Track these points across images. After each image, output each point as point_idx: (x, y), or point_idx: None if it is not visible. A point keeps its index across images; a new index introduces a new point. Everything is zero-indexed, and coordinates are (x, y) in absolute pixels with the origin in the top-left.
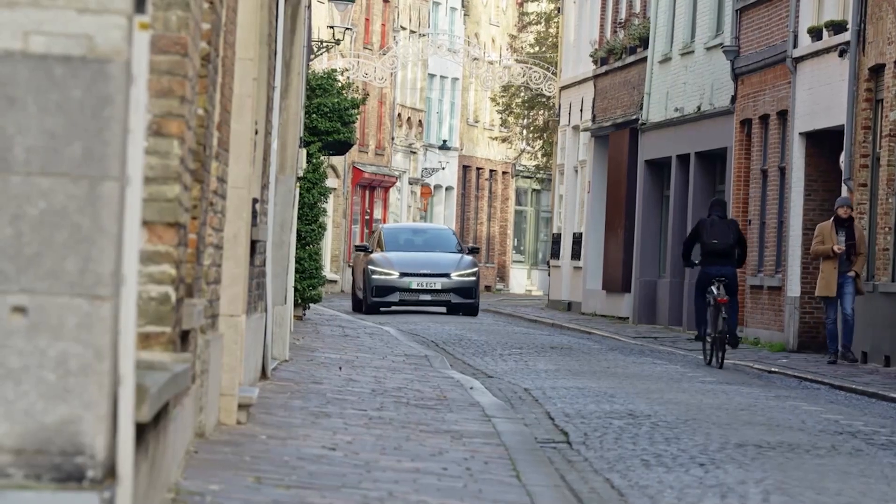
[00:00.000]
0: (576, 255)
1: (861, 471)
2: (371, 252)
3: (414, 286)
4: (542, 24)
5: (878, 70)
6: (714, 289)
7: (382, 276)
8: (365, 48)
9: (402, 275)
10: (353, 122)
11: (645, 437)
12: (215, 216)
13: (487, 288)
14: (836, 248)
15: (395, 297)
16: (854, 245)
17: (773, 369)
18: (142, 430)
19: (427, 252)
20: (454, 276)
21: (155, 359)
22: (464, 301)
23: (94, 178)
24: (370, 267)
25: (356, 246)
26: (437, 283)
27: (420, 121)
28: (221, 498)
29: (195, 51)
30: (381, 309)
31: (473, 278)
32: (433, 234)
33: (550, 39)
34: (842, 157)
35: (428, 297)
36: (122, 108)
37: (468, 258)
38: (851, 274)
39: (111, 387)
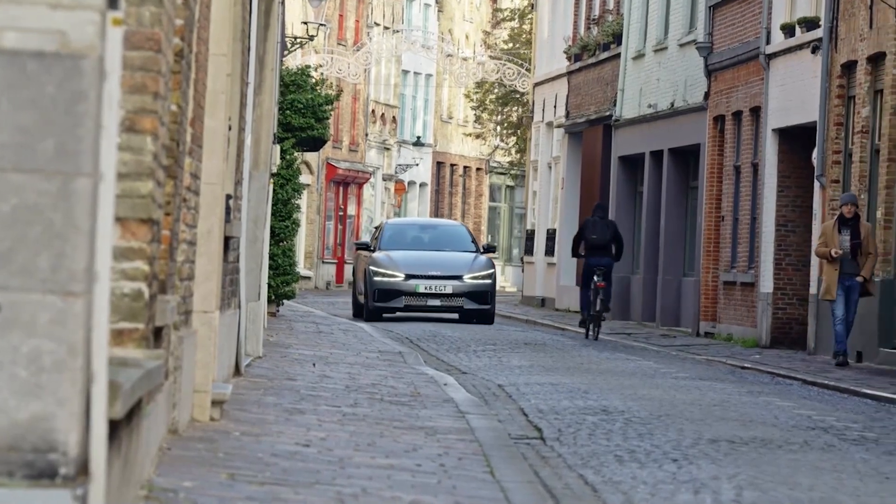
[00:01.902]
0: (550, 251)
1: (833, 466)
2: (373, 251)
3: (421, 290)
4: (516, 21)
5: (850, 67)
6: (595, 276)
7: (386, 279)
8: (339, 44)
9: (408, 277)
10: (327, 119)
11: (618, 433)
12: (189, 212)
13: None
14: (833, 252)
15: (399, 303)
16: (860, 245)
17: (746, 365)
18: (115, 427)
19: (436, 251)
20: (467, 278)
21: (128, 355)
22: (478, 307)
23: (67, 174)
24: (372, 268)
25: (357, 244)
26: (448, 287)
27: (394, 117)
28: (195, 495)
29: (168, 47)
30: (385, 315)
31: (489, 281)
32: (443, 230)
33: (524, 36)
34: (814, 154)
35: (437, 303)
36: (95, 104)
37: (483, 258)
38: (859, 279)
39: (84, 383)
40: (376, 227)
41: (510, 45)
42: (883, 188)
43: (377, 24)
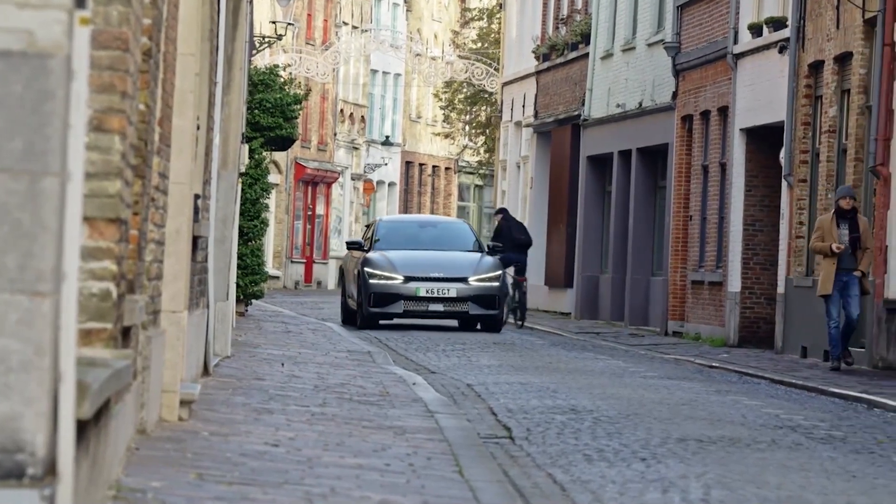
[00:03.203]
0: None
1: (801, 465)
2: (367, 250)
3: (422, 293)
4: (485, 21)
5: (817, 66)
6: (516, 272)
7: (383, 282)
8: (307, 44)
9: (408, 279)
10: (296, 118)
11: (587, 432)
12: (157, 212)
13: None
14: (835, 247)
15: (398, 308)
16: (858, 239)
17: (714, 364)
18: (83, 427)
19: (437, 251)
20: (473, 280)
21: (96, 355)
22: (484, 312)
23: (34, 173)
24: (367, 269)
25: (348, 243)
26: (452, 290)
27: (362, 116)
28: (163, 495)
29: (136, 46)
30: (381, 322)
31: (497, 284)
32: (444, 228)
33: (493, 35)
34: (782, 153)
35: (440, 308)
36: (62, 104)
37: (489, 259)
38: (857, 273)
39: (52, 383)
40: (367, 226)
41: (479, 44)
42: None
43: (345, 24)
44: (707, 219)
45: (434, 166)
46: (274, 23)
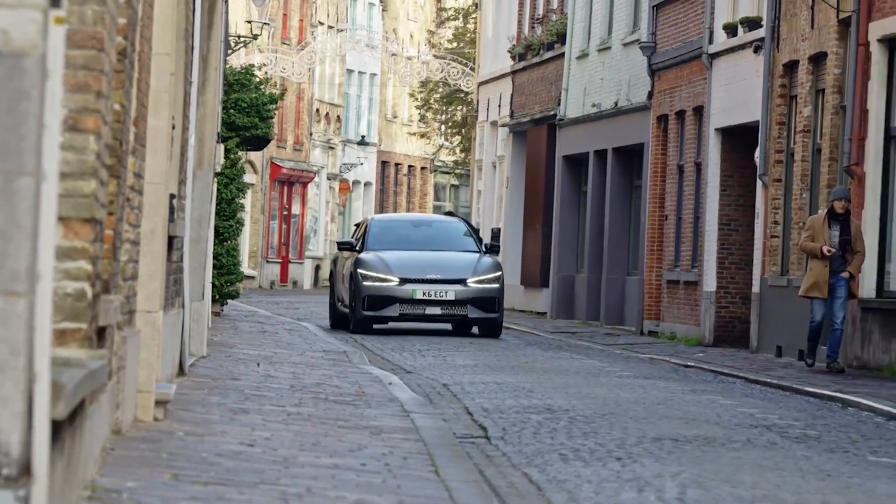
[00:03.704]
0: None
1: (776, 464)
2: (359, 251)
3: (419, 296)
4: (460, 20)
5: (792, 66)
6: None
7: (377, 284)
8: (283, 43)
9: (403, 281)
10: (271, 118)
11: (563, 432)
12: (132, 212)
13: None
14: (825, 249)
15: (393, 311)
16: (849, 241)
17: (689, 363)
18: (57, 428)
19: (433, 251)
20: (472, 282)
21: (71, 355)
22: (484, 316)
23: (9, 173)
24: (360, 271)
25: (338, 243)
26: (450, 293)
27: (338, 116)
28: (138, 495)
29: (111, 45)
30: (375, 326)
31: (496, 286)
32: (440, 227)
33: (468, 35)
34: (757, 153)
35: (437, 311)
36: (37, 103)
37: (488, 259)
38: (845, 275)
39: (26, 384)
40: (357, 225)
41: (454, 44)
42: (824, 187)
43: (321, 24)
44: (682, 218)
45: (410, 166)
46: (249, 22)
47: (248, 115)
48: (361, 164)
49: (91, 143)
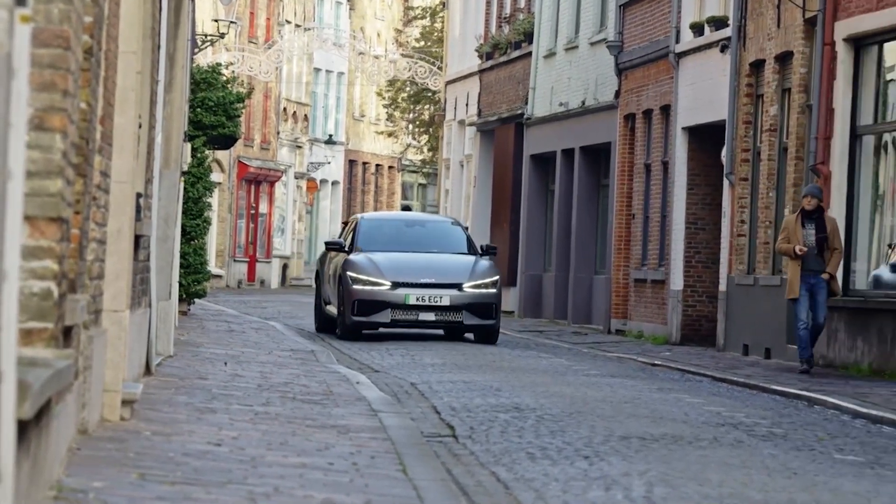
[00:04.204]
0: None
1: (742, 462)
2: (348, 252)
3: (412, 301)
4: (428, 19)
5: (758, 65)
6: None
7: (368, 287)
8: (250, 42)
9: (396, 285)
10: (239, 117)
11: (530, 431)
12: (98, 211)
13: None
14: (797, 249)
15: (384, 317)
16: (826, 239)
17: (656, 362)
18: (24, 428)
19: (427, 253)
20: (468, 287)
21: (37, 355)
22: (480, 322)
23: None
24: (350, 274)
25: (327, 243)
26: (445, 298)
27: (306, 115)
28: (105, 495)
29: (78, 44)
30: (365, 332)
31: (493, 290)
32: (434, 227)
33: (436, 34)
34: (723, 152)
35: (431, 317)
36: (3, 102)
37: (485, 263)
38: (825, 276)
39: None
40: (345, 223)
41: (422, 43)
42: (791, 186)
43: (288, 22)
44: (650, 217)
45: (377, 165)
46: (216, 21)
47: (215, 114)
48: (329, 163)
49: (57, 142)
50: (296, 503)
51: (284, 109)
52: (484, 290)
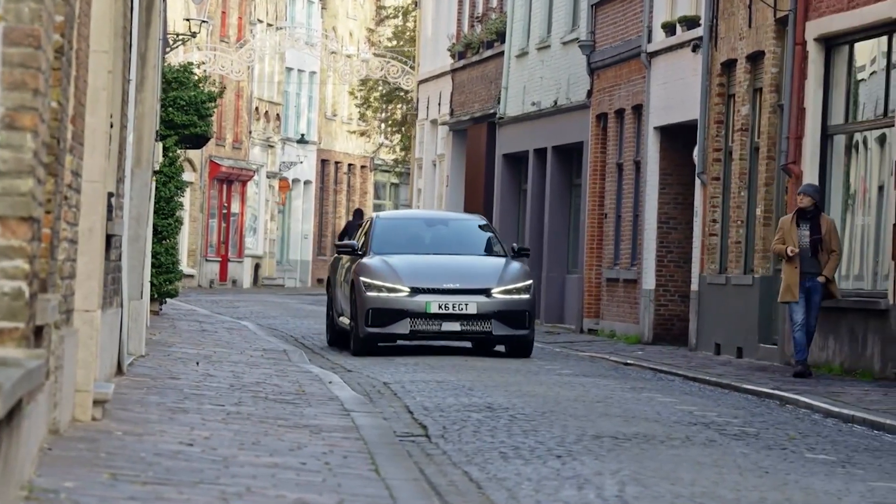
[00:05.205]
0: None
1: (714, 461)
2: (362, 255)
3: (434, 309)
4: (400, 18)
5: (730, 65)
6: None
7: (383, 294)
8: (222, 41)
9: (415, 291)
10: (210, 116)
11: (503, 430)
12: (70, 210)
13: None
14: (789, 250)
15: (403, 328)
16: (820, 240)
17: (628, 361)
18: None
19: (450, 255)
20: (497, 292)
21: (8, 355)
22: (512, 333)
23: None
24: (363, 279)
25: (338, 245)
26: (471, 305)
27: (278, 114)
28: (76, 495)
29: (48, 43)
30: (381, 344)
31: (527, 297)
32: (457, 226)
33: (408, 33)
34: (695, 151)
35: (456, 327)
36: None
37: (517, 265)
38: (821, 279)
39: None
40: (360, 223)
41: (394, 42)
42: (762, 185)
43: (260, 21)
44: (622, 217)
45: (350, 164)
46: (188, 20)
47: (186, 114)
48: (301, 162)
49: (28, 142)
50: (268, 503)
51: (256, 109)
52: (515, 297)
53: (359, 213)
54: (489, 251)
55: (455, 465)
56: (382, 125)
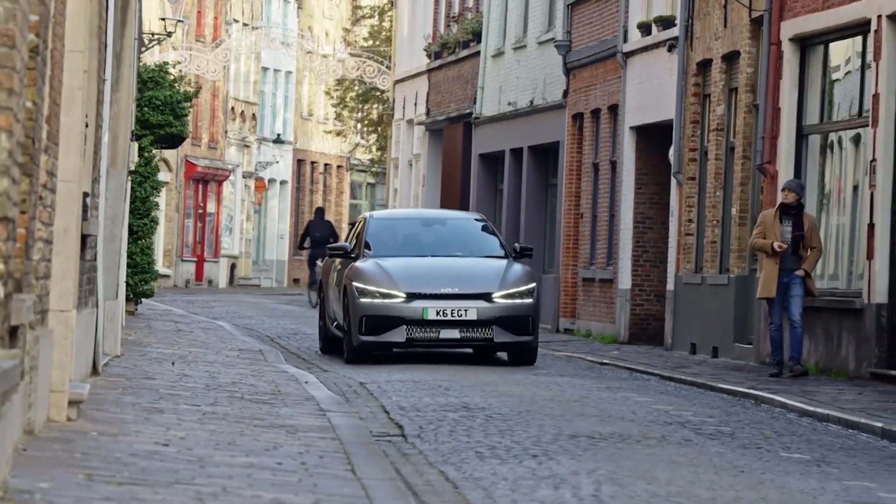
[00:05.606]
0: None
1: (690, 460)
2: (355, 258)
3: (431, 316)
4: (376, 18)
5: (705, 65)
6: (319, 262)
7: (377, 301)
8: (197, 41)
9: (412, 297)
10: (186, 116)
11: (479, 430)
12: (45, 210)
13: None
14: (776, 245)
15: (399, 336)
16: (802, 237)
17: (604, 361)
18: None
19: (449, 257)
20: (498, 297)
21: None
22: (515, 339)
23: None
24: (356, 284)
25: (330, 248)
26: (471, 311)
27: (254, 114)
28: (51, 496)
29: (23, 42)
30: (376, 353)
31: (529, 300)
32: (455, 226)
33: (384, 33)
34: (671, 151)
35: (455, 334)
36: None
37: (519, 267)
38: (800, 273)
39: None
40: (352, 224)
41: (370, 42)
42: (738, 185)
43: (236, 21)
44: (598, 216)
45: (326, 164)
46: (163, 20)
47: (162, 113)
48: (277, 162)
49: (3, 141)
50: (244, 503)
51: (232, 109)
52: (518, 301)
53: (320, 213)
54: (490, 252)
55: (431, 464)
56: (358, 125)
